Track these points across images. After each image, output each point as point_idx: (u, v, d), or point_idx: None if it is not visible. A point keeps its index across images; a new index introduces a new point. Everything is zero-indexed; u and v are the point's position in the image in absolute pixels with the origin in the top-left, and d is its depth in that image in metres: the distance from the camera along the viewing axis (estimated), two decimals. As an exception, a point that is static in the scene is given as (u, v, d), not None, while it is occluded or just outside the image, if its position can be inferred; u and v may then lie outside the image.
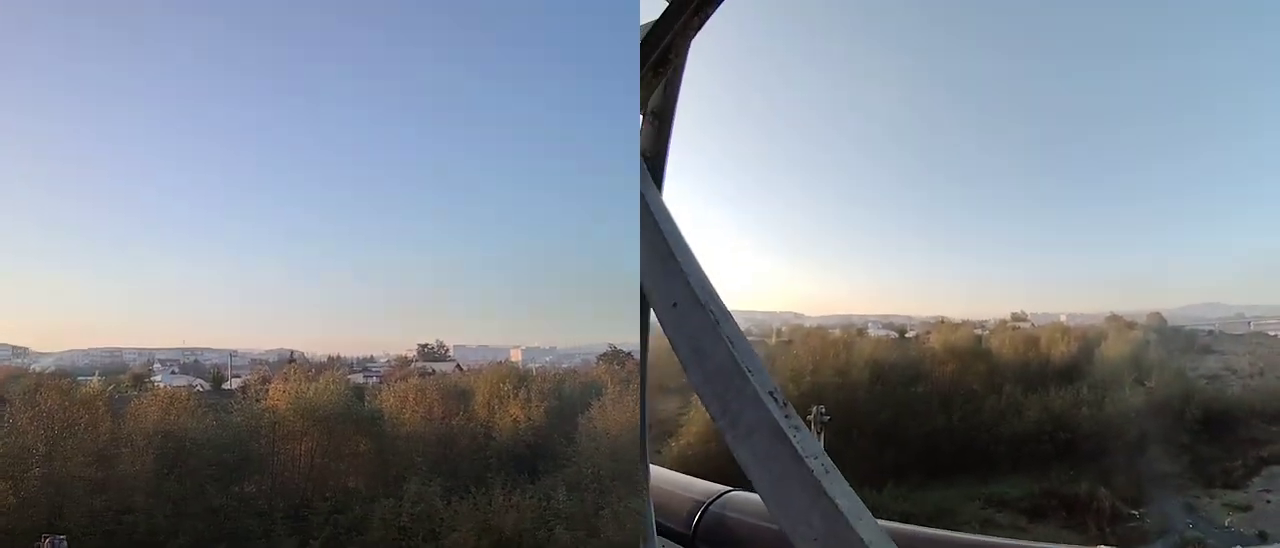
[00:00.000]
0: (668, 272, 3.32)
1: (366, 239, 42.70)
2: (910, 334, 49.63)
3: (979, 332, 45.49)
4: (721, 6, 3.55)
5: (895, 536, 2.63)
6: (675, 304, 3.27)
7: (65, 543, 6.52)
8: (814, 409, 8.82)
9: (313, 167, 41.19)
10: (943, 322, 48.11)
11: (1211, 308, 51.82)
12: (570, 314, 42.01)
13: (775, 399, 2.86)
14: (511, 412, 23.63)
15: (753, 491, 3.57)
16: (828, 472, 2.67)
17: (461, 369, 32.29)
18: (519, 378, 26.05)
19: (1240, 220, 55.94)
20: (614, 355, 31.68)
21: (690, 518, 5.32)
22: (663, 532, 5.25)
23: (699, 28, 3.62)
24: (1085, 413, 35.20)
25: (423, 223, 43.12)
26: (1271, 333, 48.70)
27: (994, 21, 55.49)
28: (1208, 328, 49.92)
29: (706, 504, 5.39)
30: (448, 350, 37.88)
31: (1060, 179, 57.93)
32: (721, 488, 5.54)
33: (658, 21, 3.59)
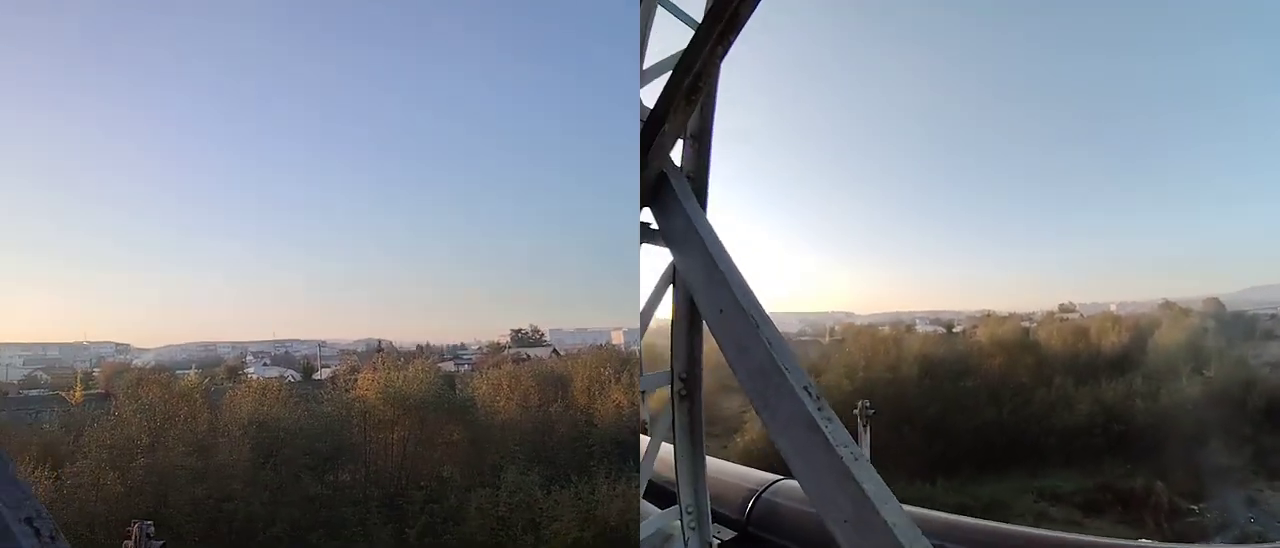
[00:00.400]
0: (713, 282, 3.72)
1: (452, 225, 43.19)
2: (958, 329, 49.49)
3: (1026, 324, 44.96)
4: (750, 25, 3.90)
5: (919, 521, 2.94)
6: (721, 310, 3.66)
7: (152, 528, 7.07)
8: (859, 404, 9.01)
9: (396, 158, 41.96)
10: (990, 315, 47.75)
11: (1272, 290, 49.60)
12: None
13: (810, 394, 3.24)
14: (614, 397, 23.02)
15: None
16: (857, 459, 3.02)
17: (558, 354, 31.67)
18: (620, 361, 25.19)
19: None
20: None
21: (743, 505, 5.72)
22: (718, 518, 5.63)
23: (726, 53, 3.97)
24: (1139, 405, 34.40)
25: (511, 208, 43.30)
26: None
27: (1035, 13, 54.48)
28: (1270, 311, 47.96)
29: (759, 493, 5.78)
30: (542, 335, 37.42)
31: (1105, 166, 56.62)
32: (773, 477, 5.93)
33: (686, 50, 3.96)
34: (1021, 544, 4.57)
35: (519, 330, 37.01)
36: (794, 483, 5.58)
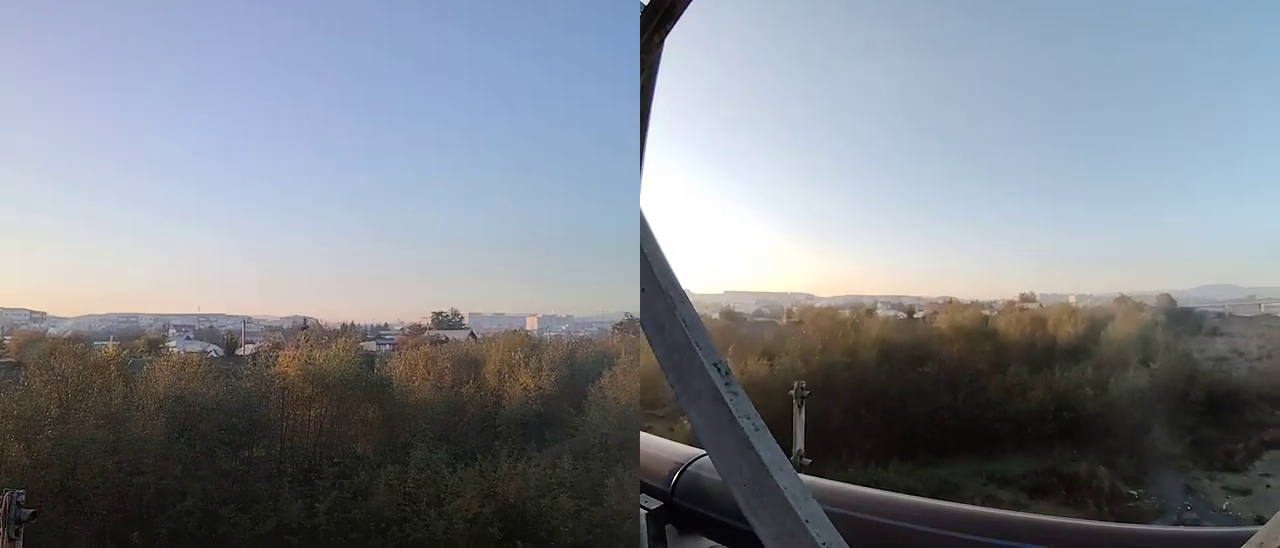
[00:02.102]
0: (642, 260, 3.88)
1: (382, 207, 42.70)
2: (918, 315, 49.99)
3: (986, 312, 45.83)
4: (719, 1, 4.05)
5: (814, 489, 3.17)
6: (643, 290, 3.83)
7: (23, 496, 7.10)
8: (795, 384, 9.24)
9: (328, 135, 41.32)
10: (951, 302, 48.51)
11: (1223, 289, 51.35)
12: (587, 282, 41.76)
13: (718, 370, 3.43)
14: (522, 380, 23.64)
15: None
16: (757, 430, 3.22)
17: (475, 338, 32.02)
18: (531, 346, 25.87)
19: (1254, 201, 55.45)
20: (629, 325, 30.96)
21: (670, 477, 5.96)
22: (646, 489, 5.86)
23: (662, 40, 4.12)
24: (1089, 393, 35.59)
25: (439, 190, 42.93)
26: None
27: (1003, 1, 55.05)
28: (1217, 310, 49.70)
29: (685, 466, 6.02)
30: (463, 318, 37.47)
31: (1070, 158, 57.65)
32: (697, 451, 6.18)
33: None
34: (912, 514, 4.85)
35: (440, 313, 37.08)
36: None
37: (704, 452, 6.29)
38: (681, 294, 3.69)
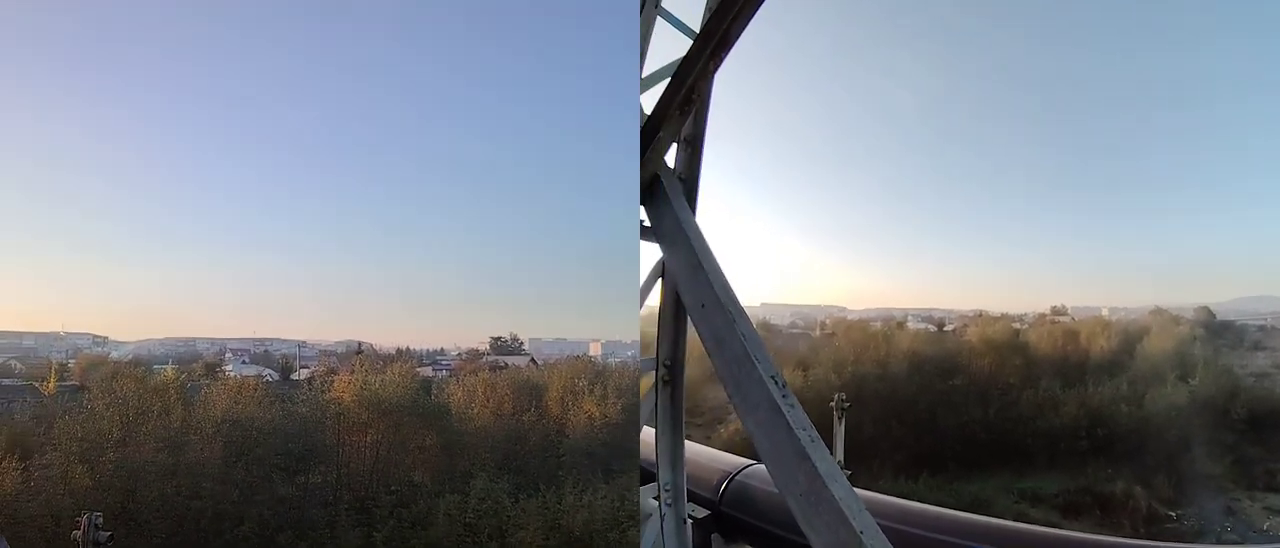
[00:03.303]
0: (697, 278, 4.17)
1: (437, 231, 43.23)
2: (949, 327, 50.33)
3: (1017, 325, 45.67)
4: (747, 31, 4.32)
5: (868, 502, 3.40)
6: (703, 305, 4.11)
7: (100, 519, 7.52)
8: (836, 396, 9.47)
9: (383, 159, 41.90)
10: (981, 315, 48.58)
11: (1263, 301, 50.32)
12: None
13: (776, 382, 3.70)
14: (586, 408, 23.36)
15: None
16: (813, 441, 3.49)
17: (536, 363, 31.99)
18: (595, 373, 25.73)
19: None
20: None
21: (718, 486, 6.25)
22: (693, 498, 6.12)
23: (717, 68, 4.40)
24: (1124, 410, 35.19)
25: (495, 214, 43.34)
26: None
27: (1033, 12, 54.74)
28: (1259, 323, 48.83)
29: (732, 475, 6.31)
30: (521, 343, 37.82)
31: (1102, 169, 57.11)
32: (745, 462, 6.46)
33: (681, 64, 4.39)
34: (961, 529, 5.04)
35: (499, 338, 37.59)
36: (762, 468, 6.07)
37: (751, 462, 6.57)
38: (740, 309, 3.97)
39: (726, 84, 4.92)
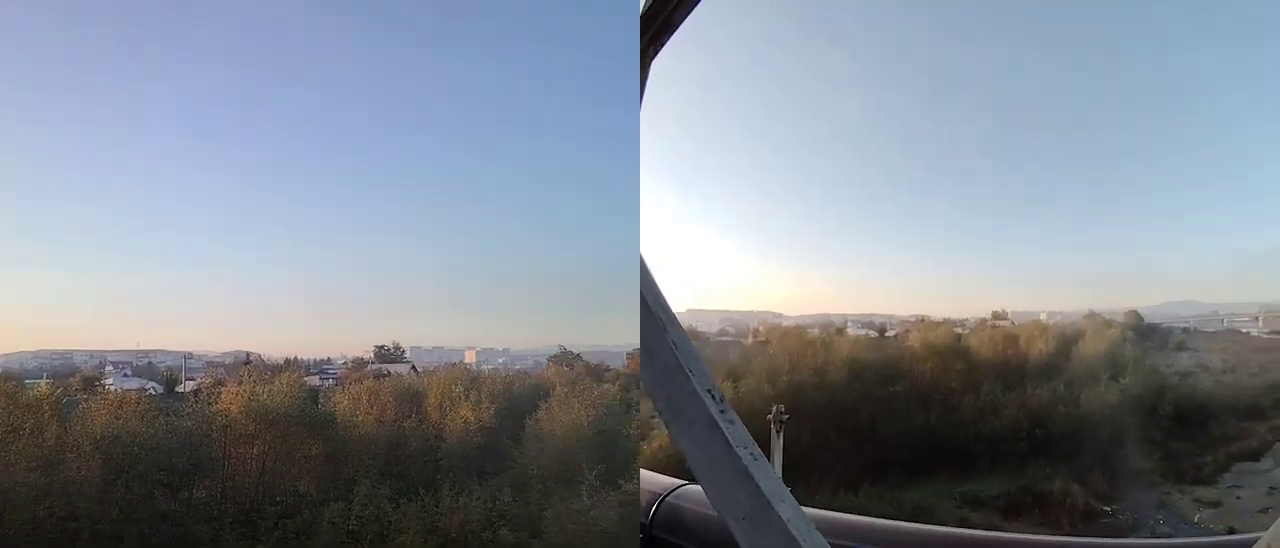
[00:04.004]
0: (642, 274, 3.76)
1: (325, 240, 42.51)
2: (890, 333, 50.24)
3: (959, 330, 46.38)
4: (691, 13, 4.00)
5: (817, 521, 3.09)
6: (640, 309, 3.73)
7: None
8: (774, 409, 9.26)
9: (269, 166, 41.03)
10: (923, 320, 49.04)
11: (1187, 305, 53.37)
12: (523, 316, 42.27)
13: (712, 396, 3.34)
14: (462, 414, 23.96)
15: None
16: (755, 459, 3.14)
17: (417, 371, 32.19)
18: (471, 379, 26.45)
19: (1214, 219, 57.53)
20: (563, 357, 33.27)
21: (648, 509, 5.84)
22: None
23: (655, 55, 4.07)
24: (1062, 410, 36.28)
25: (381, 224, 43.17)
26: (1243, 330, 50.54)
27: (972, 16, 56.52)
28: (1183, 325, 51.33)
29: (662, 497, 5.91)
30: (403, 352, 37.32)
31: (1039, 176, 59.30)
32: (676, 482, 6.07)
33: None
34: (917, 541, 4.80)
35: (382, 347, 37.26)
36: (696, 488, 5.74)
37: (682, 482, 6.20)
38: (672, 316, 3.60)
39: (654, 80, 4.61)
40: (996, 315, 50.28)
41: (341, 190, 42.80)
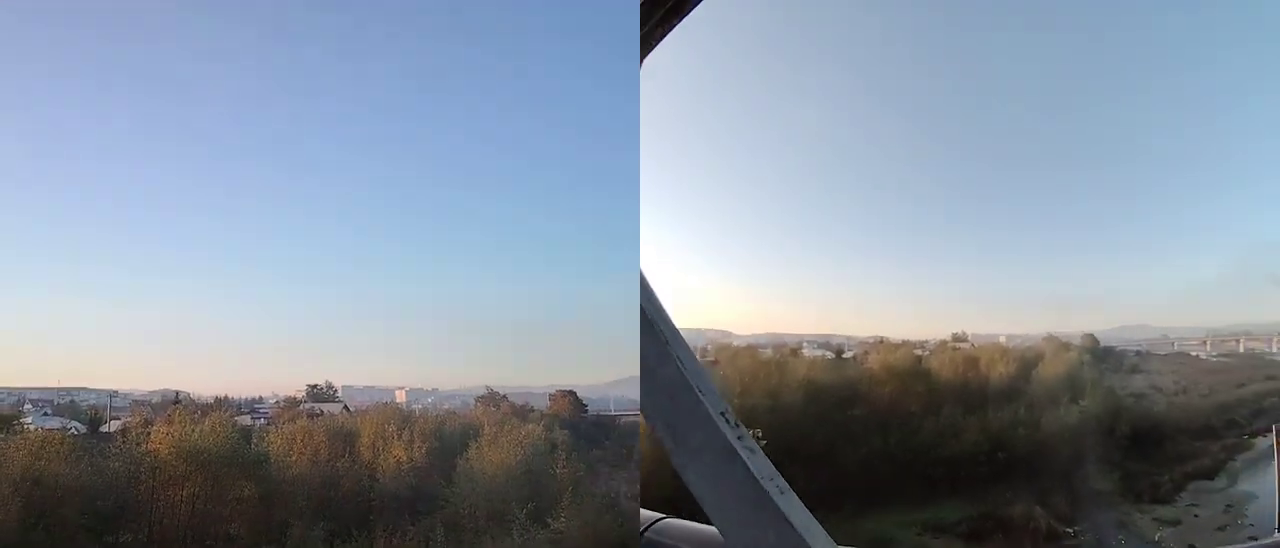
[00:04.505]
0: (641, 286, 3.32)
1: (256, 277, 42.25)
2: (848, 354, 49.52)
3: (919, 352, 46.51)
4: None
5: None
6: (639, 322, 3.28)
7: None
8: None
9: (198, 203, 40.69)
10: (882, 342, 48.66)
11: (1140, 330, 56.04)
12: (451, 355, 42.79)
13: (727, 420, 2.91)
14: (395, 453, 24.47)
15: (685, 517, 3.60)
16: (783, 493, 2.72)
17: (349, 410, 32.97)
18: (403, 419, 27.28)
19: (1165, 247, 60.49)
20: (490, 397, 34.39)
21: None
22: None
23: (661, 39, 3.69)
24: (1022, 433, 36.58)
25: (312, 265, 43.35)
26: (1192, 353, 53.80)
27: (930, 41, 57.87)
28: (1136, 348, 53.21)
29: (641, 531, 5.47)
30: (336, 391, 38.39)
31: (998, 203, 60.86)
32: (656, 515, 5.64)
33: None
34: None
35: (314, 385, 38.09)
36: (679, 522, 5.31)
37: (661, 516, 5.73)
38: (675, 331, 3.17)
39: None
40: (957, 337, 50.68)
41: (272, 229, 42.42)
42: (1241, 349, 55.00)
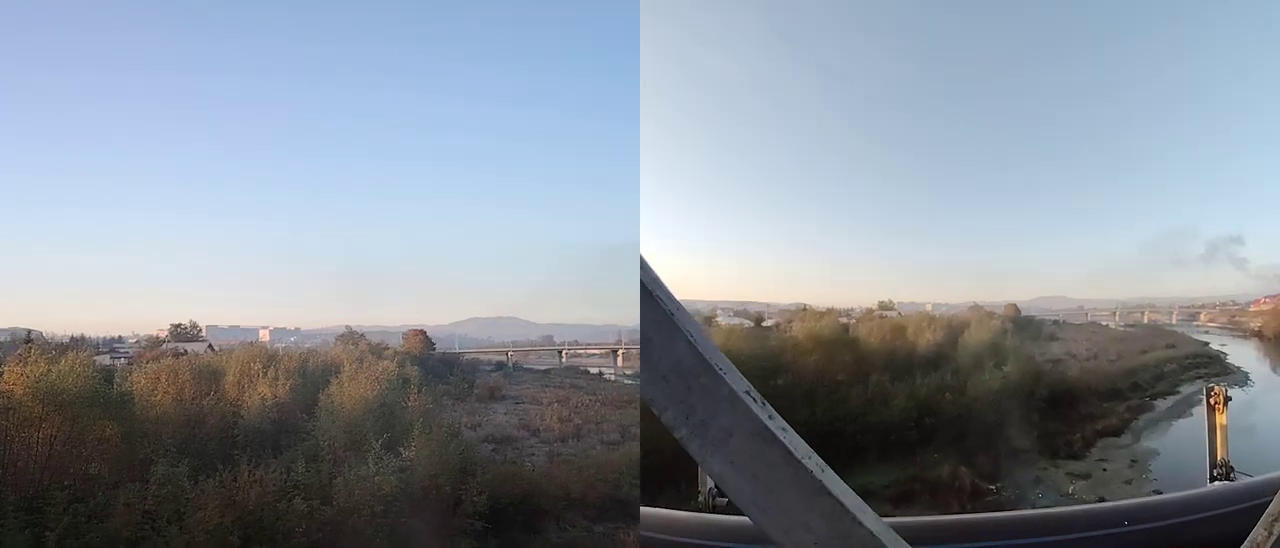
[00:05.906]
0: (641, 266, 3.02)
1: (114, 215, 41.07)
2: (768, 323, 49.23)
3: (845, 320, 47.41)
4: None
5: (898, 528, 2.56)
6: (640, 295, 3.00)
7: None
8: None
9: (61, 135, 39.13)
10: (805, 310, 49.21)
11: (1057, 300, 61.60)
12: (311, 295, 44.50)
13: (753, 399, 2.71)
14: (260, 390, 25.12)
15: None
16: (824, 470, 2.57)
17: (214, 349, 33.70)
18: (267, 357, 28.27)
19: (1083, 224, 65.68)
20: (349, 336, 36.83)
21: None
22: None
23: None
24: (949, 398, 38.06)
25: (175, 202, 42.61)
26: (1104, 323, 61.04)
27: (863, 12, 58.76)
28: (1054, 318, 58.94)
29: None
30: (201, 331, 38.88)
31: (923, 166, 62.89)
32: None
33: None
34: (989, 529, 4.54)
35: (178, 325, 38.68)
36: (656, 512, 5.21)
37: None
38: (677, 304, 2.91)
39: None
40: (883, 305, 52.20)
41: (133, 165, 40.95)
42: (1146, 321, 62.58)
